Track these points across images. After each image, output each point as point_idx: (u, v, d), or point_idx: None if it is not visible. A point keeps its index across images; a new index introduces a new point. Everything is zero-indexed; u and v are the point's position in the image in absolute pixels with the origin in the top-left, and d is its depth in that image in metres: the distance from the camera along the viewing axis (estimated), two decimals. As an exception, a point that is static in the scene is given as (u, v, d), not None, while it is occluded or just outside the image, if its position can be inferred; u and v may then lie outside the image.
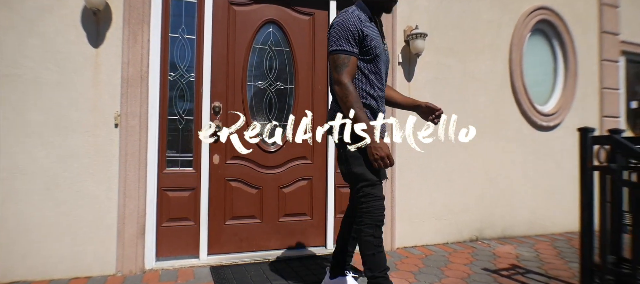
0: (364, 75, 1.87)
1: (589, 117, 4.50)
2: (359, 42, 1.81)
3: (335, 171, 3.43)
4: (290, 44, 3.36)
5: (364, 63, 1.86)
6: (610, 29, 4.68)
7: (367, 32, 1.81)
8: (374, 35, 1.85)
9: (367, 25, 1.83)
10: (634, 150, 2.04)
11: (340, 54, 1.78)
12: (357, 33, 1.79)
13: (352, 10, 1.85)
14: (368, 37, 1.81)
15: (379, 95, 1.94)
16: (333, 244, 3.40)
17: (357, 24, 1.79)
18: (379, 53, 1.87)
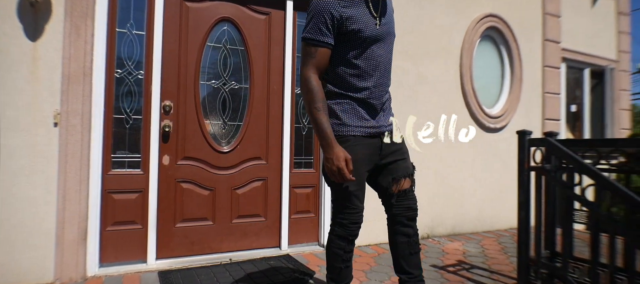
0: (352, 65, 1.57)
1: (533, 119, 4.77)
2: (338, 27, 1.50)
3: (291, 172, 3.43)
4: (246, 43, 3.31)
5: (350, 50, 1.55)
6: (553, 37, 4.98)
7: (349, 13, 1.49)
8: (361, 15, 1.52)
9: (350, 5, 1.51)
10: (565, 152, 2.18)
11: (308, 43, 1.52)
12: (331, 18, 1.48)
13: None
14: (350, 19, 1.49)
15: (375, 84, 1.62)
16: (288, 246, 3.39)
17: (333, 6, 1.47)
18: (369, 35, 1.54)
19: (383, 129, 1.68)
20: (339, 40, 1.55)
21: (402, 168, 1.72)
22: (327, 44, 1.52)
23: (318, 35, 1.50)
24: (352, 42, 1.55)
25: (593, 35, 5.90)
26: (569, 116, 5.94)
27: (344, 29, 1.52)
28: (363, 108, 1.62)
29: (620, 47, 6.31)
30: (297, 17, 3.50)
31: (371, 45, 1.58)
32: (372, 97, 1.62)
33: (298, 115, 3.50)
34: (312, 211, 3.53)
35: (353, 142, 1.58)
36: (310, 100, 1.50)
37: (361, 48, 1.56)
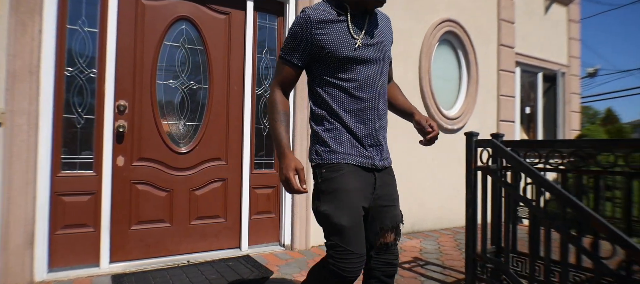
0: (335, 86, 1.42)
1: (489, 120, 4.98)
2: (312, 53, 1.41)
3: (251, 173, 3.43)
4: (205, 42, 3.28)
5: (332, 71, 1.42)
6: (507, 42, 5.22)
7: (324, 38, 1.38)
8: (337, 37, 1.39)
9: (327, 27, 1.39)
10: (507, 153, 2.31)
11: (280, 59, 1.50)
12: (304, 43, 1.40)
13: (312, 8, 1.42)
14: (324, 43, 1.38)
15: (363, 108, 1.43)
16: (248, 246, 3.39)
17: (305, 29, 1.39)
18: (348, 57, 1.39)
19: (378, 164, 1.46)
20: (318, 64, 1.45)
21: (390, 218, 1.50)
22: (292, 64, 1.46)
23: (287, 54, 1.46)
24: (331, 64, 1.42)
25: (546, 41, 6.22)
26: (524, 117, 6.24)
27: (320, 54, 1.41)
28: (352, 135, 1.42)
29: (571, 52, 6.69)
30: (258, 17, 3.50)
31: (354, 66, 1.42)
32: (360, 122, 1.43)
33: (258, 115, 3.51)
34: (273, 211, 3.55)
35: (346, 171, 1.37)
36: (271, 111, 1.47)
37: (344, 69, 1.41)
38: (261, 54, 3.53)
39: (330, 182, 1.36)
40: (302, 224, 3.51)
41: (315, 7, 1.42)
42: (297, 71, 1.48)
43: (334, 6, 1.43)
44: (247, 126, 3.40)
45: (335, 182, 1.36)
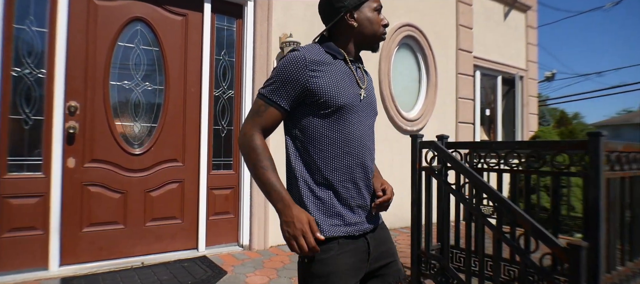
0: (323, 138, 1.20)
1: (447, 122, 5.16)
2: (302, 94, 1.18)
3: (209, 174, 3.44)
4: (161, 43, 3.28)
5: (321, 119, 1.19)
6: (466, 47, 5.41)
7: (318, 80, 1.17)
8: (334, 81, 1.19)
9: (322, 69, 1.18)
10: (447, 154, 2.42)
11: (260, 98, 1.20)
12: (295, 83, 1.16)
13: (305, 49, 1.20)
14: (319, 86, 1.17)
15: (351, 164, 1.22)
16: (205, 247, 3.40)
17: (298, 69, 1.16)
18: (343, 105, 1.19)
19: (368, 228, 1.25)
20: (304, 109, 1.21)
21: (393, 275, 1.33)
22: (279, 107, 1.18)
23: (273, 95, 1.18)
24: (323, 112, 1.19)
25: (505, 46, 6.48)
26: (485, 119, 6.48)
27: (310, 100, 1.17)
28: (339, 198, 1.21)
29: (529, 57, 6.98)
30: (216, 19, 3.52)
31: (350, 117, 1.21)
32: (349, 182, 1.22)
33: (217, 117, 3.52)
34: (232, 212, 3.57)
35: (337, 250, 1.18)
36: (255, 159, 1.16)
37: (335, 120, 1.20)
38: (219, 56, 3.55)
39: (322, 264, 1.15)
40: (261, 224, 3.55)
41: (308, 47, 1.20)
42: (282, 115, 1.20)
43: (325, 48, 1.22)
44: (205, 127, 3.41)
45: (327, 265, 1.15)
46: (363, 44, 1.27)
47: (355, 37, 1.24)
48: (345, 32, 1.24)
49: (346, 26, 1.23)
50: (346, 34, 1.24)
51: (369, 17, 1.23)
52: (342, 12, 1.20)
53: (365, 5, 1.23)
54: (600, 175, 2.01)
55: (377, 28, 1.25)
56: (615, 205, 2.19)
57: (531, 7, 7.02)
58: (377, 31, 1.26)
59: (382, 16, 1.27)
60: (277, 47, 3.70)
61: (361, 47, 1.27)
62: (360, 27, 1.23)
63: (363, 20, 1.22)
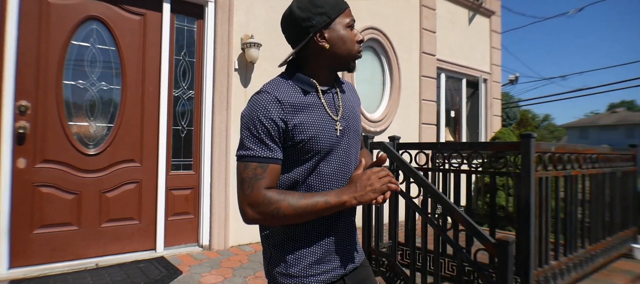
0: (300, 182, 1.06)
1: (411, 123, 5.29)
2: (282, 136, 1.02)
3: (167, 174, 3.43)
4: (117, 43, 3.25)
5: (298, 162, 1.05)
6: (429, 50, 5.56)
7: (294, 122, 1.01)
8: (310, 123, 1.03)
9: (295, 110, 1.02)
10: (394, 154, 2.51)
11: (247, 162, 1.00)
12: (273, 125, 1.00)
13: (272, 87, 1.03)
14: (296, 129, 1.01)
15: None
16: (164, 248, 3.39)
17: (274, 112, 1.00)
18: (321, 149, 1.04)
19: (347, 270, 1.13)
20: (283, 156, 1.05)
21: None
22: (275, 160, 1.01)
23: (261, 150, 0.99)
24: (301, 155, 1.05)
25: (469, 49, 6.69)
26: (450, 120, 6.66)
27: (291, 139, 1.02)
28: (316, 246, 1.08)
29: (493, 60, 7.23)
30: (175, 19, 3.52)
31: (330, 155, 1.07)
32: (329, 224, 1.09)
33: (176, 117, 3.52)
34: (192, 212, 3.57)
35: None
36: (284, 207, 0.98)
37: (313, 161, 1.05)
38: (179, 56, 3.55)
39: None
40: (221, 224, 3.56)
41: (275, 84, 1.04)
42: (280, 166, 1.04)
43: (295, 81, 1.05)
44: (164, 127, 3.40)
45: None
46: (337, 65, 1.09)
47: (328, 59, 1.06)
48: (316, 54, 1.06)
49: (317, 48, 1.05)
50: (317, 57, 1.06)
51: (341, 35, 1.05)
52: (310, 32, 1.02)
53: (336, 23, 1.05)
54: (531, 174, 2.14)
55: (351, 47, 1.07)
56: (548, 202, 2.33)
57: (495, 12, 7.27)
58: (351, 50, 1.07)
59: (355, 31, 1.09)
60: (238, 48, 3.72)
61: (335, 68, 1.10)
62: (332, 48, 1.05)
63: (335, 40, 1.05)
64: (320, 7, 1.02)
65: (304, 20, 1.02)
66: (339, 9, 1.05)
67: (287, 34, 1.08)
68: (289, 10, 1.05)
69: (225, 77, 3.61)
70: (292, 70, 1.07)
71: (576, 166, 2.63)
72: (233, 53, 3.68)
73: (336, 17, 1.04)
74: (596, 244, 2.90)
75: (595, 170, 2.89)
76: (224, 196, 3.58)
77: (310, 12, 1.02)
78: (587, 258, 2.76)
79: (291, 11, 1.04)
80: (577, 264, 2.63)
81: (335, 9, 1.04)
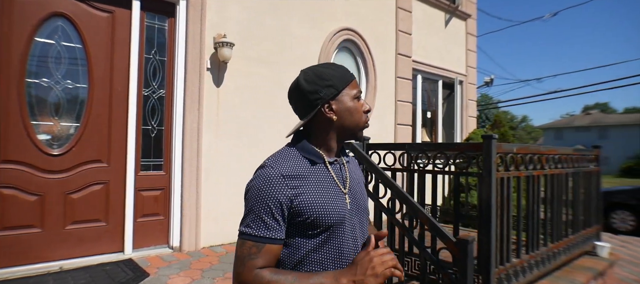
0: (307, 262, 1.00)
1: (387, 124, 5.34)
2: (289, 214, 0.97)
3: (136, 175, 3.37)
4: (84, 41, 3.17)
5: (304, 240, 0.99)
6: (405, 51, 5.63)
7: (301, 197, 0.97)
8: (318, 195, 0.99)
9: (302, 183, 0.98)
10: (361, 154, 2.53)
11: (244, 240, 0.97)
12: (278, 205, 0.96)
13: (276, 161, 0.99)
14: (303, 204, 0.97)
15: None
16: (132, 250, 3.33)
17: (277, 188, 0.95)
18: (332, 223, 0.99)
19: None
20: (287, 231, 1.01)
21: None
22: (276, 240, 0.96)
23: (260, 229, 0.96)
24: (308, 232, 0.99)
25: (445, 51, 6.79)
26: (426, 121, 6.76)
27: (297, 217, 0.97)
28: None
29: (469, 62, 7.36)
30: (145, 17, 3.46)
31: (339, 230, 1.02)
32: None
33: (146, 116, 3.46)
34: (162, 213, 3.52)
35: None
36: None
37: (322, 238, 1.00)
38: (149, 54, 3.49)
39: None
40: (192, 225, 3.52)
41: (281, 158, 1.00)
42: (281, 246, 0.99)
43: (302, 152, 1.03)
44: (132, 127, 3.34)
45: None
46: (345, 136, 1.07)
47: (335, 130, 1.04)
48: (323, 126, 1.04)
49: (324, 120, 1.03)
50: (325, 128, 1.04)
51: (349, 107, 1.03)
52: (318, 105, 1.01)
53: (343, 94, 1.03)
54: (493, 174, 2.18)
55: (359, 118, 1.05)
56: (510, 202, 2.38)
57: (471, 15, 7.41)
58: (359, 121, 1.05)
59: (362, 101, 1.07)
60: (211, 47, 3.68)
61: (343, 139, 1.08)
62: (340, 120, 1.03)
63: (343, 112, 1.02)
64: (327, 79, 1.01)
65: (311, 93, 1.01)
66: (346, 81, 1.03)
67: (294, 105, 1.07)
68: (296, 83, 1.04)
69: (197, 76, 3.57)
70: (299, 140, 1.05)
71: (538, 166, 2.70)
72: (205, 53, 3.65)
73: (343, 89, 1.02)
74: (559, 242, 2.99)
75: (558, 170, 2.97)
76: (195, 197, 3.54)
77: (317, 85, 1.01)
78: (549, 256, 2.84)
79: (298, 84, 1.03)
80: (539, 262, 2.70)
81: (342, 81, 1.03)
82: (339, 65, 1.06)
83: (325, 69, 1.03)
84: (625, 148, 28.68)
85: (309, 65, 1.11)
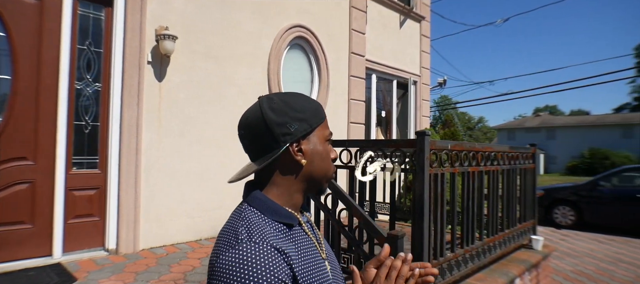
0: None
1: (339, 122, 5.35)
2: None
3: (68, 173, 3.16)
4: (8, 29, 2.93)
5: None
6: (358, 51, 5.67)
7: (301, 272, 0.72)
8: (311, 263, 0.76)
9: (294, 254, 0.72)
10: (301, 151, 2.49)
11: None
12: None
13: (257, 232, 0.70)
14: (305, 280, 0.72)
15: None
16: (62, 253, 3.12)
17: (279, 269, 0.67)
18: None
19: None
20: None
21: None
22: None
23: None
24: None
25: (400, 52, 6.92)
26: (381, 120, 6.85)
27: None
28: None
29: (422, 63, 7.54)
30: (79, 6, 3.25)
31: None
32: None
33: (79, 111, 3.25)
34: (97, 214, 3.32)
35: None
36: None
37: None
38: (83, 45, 3.28)
39: None
40: (130, 227, 3.35)
41: (259, 226, 0.72)
42: None
43: (272, 216, 0.76)
44: (63, 123, 3.13)
45: None
46: (310, 187, 0.82)
47: (301, 179, 0.79)
48: (288, 173, 0.78)
49: (290, 164, 0.78)
50: (289, 175, 0.78)
51: (320, 151, 0.80)
52: (287, 142, 0.76)
53: (315, 134, 0.80)
54: (426, 170, 2.22)
55: (329, 166, 0.83)
56: (443, 197, 2.43)
57: (425, 17, 7.59)
58: (328, 170, 0.83)
59: (329, 146, 0.84)
60: (152, 39, 3.53)
61: (307, 190, 0.82)
62: (310, 166, 0.79)
63: (313, 155, 0.79)
64: (300, 111, 0.77)
65: (278, 126, 0.75)
66: (320, 117, 0.81)
67: (249, 141, 0.80)
68: (258, 111, 0.77)
69: (137, 70, 3.40)
70: (256, 197, 0.77)
71: (474, 163, 2.79)
72: (146, 45, 3.48)
73: (317, 126, 0.80)
74: (494, 237, 3.10)
75: (494, 167, 3.08)
76: (134, 197, 3.37)
77: (288, 116, 0.76)
78: (484, 250, 2.94)
79: (261, 112, 0.77)
80: (474, 256, 2.79)
81: (316, 116, 0.80)
82: (311, 98, 0.83)
83: (295, 99, 0.79)
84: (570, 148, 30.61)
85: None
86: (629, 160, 23.44)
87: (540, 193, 8.42)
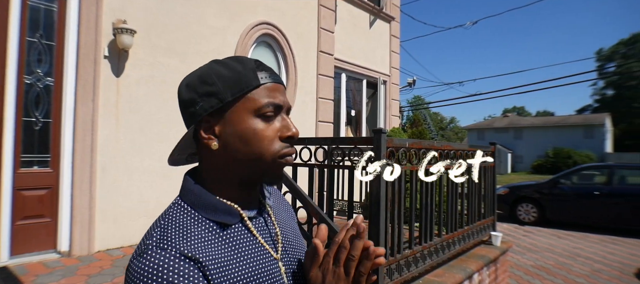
0: None
1: (307, 121, 5.34)
2: None
3: (16, 172, 3.00)
4: (-53, 18, 2.75)
5: None
6: (327, 49, 5.67)
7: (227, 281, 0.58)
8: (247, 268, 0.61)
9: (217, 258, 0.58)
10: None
11: None
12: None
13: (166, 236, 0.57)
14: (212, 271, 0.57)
15: None
16: (9, 257, 2.96)
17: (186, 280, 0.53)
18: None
19: None
20: None
21: None
22: None
23: None
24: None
25: (370, 52, 6.97)
26: (351, 119, 6.89)
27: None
28: None
29: (392, 63, 7.63)
30: (28, -4, 3.09)
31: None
32: None
33: (28, 107, 3.09)
34: (48, 215, 3.17)
35: None
36: None
37: None
38: (33, 38, 3.12)
39: None
40: (84, 228, 3.21)
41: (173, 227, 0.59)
42: None
43: (202, 211, 0.62)
44: (10, 119, 2.97)
45: None
46: (246, 178, 0.65)
47: (226, 168, 0.64)
48: (209, 159, 0.65)
49: (205, 149, 0.64)
50: (214, 163, 0.65)
51: (241, 130, 0.62)
52: (192, 124, 0.64)
53: (236, 109, 0.62)
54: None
55: (257, 149, 0.62)
56: (401, 195, 2.45)
57: (395, 18, 7.68)
58: (264, 152, 0.62)
59: (286, 120, 0.65)
60: (109, 33, 3.40)
61: (244, 183, 0.65)
62: (224, 150, 0.63)
63: (230, 137, 0.62)
64: (210, 84, 0.61)
65: (187, 104, 0.64)
66: (241, 87, 0.61)
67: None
68: (178, 87, 0.67)
69: (92, 64, 3.27)
70: (192, 187, 0.64)
71: (433, 161, 2.83)
72: (102, 39, 3.35)
73: (235, 99, 0.61)
74: (453, 233, 3.16)
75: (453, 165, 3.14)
76: (89, 196, 3.24)
77: (195, 92, 0.62)
78: (443, 246, 2.99)
79: (178, 89, 0.67)
80: (433, 252, 2.83)
81: (235, 86, 0.61)
82: (245, 61, 0.64)
83: (220, 67, 0.63)
84: (536, 147, 31.81)
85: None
86: (590, 159, 24.61)
87: (505, 191, 8.71)
